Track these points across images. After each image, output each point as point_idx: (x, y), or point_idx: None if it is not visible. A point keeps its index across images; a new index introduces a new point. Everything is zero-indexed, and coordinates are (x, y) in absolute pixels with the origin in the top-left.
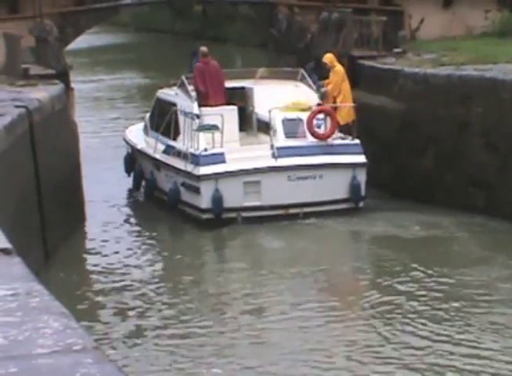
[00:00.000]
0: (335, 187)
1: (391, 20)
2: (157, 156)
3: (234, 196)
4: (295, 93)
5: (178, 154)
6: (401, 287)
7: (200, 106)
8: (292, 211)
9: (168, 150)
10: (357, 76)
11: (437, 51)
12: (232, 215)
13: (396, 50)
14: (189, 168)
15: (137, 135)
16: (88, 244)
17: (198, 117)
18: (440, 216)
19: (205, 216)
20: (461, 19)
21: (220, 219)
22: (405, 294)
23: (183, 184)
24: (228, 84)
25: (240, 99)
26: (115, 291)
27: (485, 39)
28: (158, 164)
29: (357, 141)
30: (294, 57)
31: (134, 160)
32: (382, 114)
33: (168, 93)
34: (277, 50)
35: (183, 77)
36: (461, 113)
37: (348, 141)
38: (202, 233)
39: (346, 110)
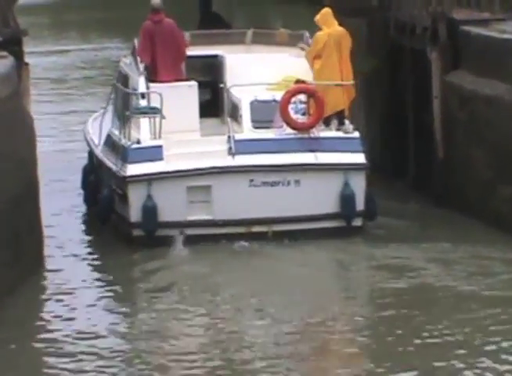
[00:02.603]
0: (318, 197)
1: None
2: (98, 149)
3: (174, 206)
4: (292, 65)
5: (113, 147)
6: None
7: (151, 81)
8: (256, 228)
9: (108, 142)
10: (459, 50)
11: None
12: (172, 232)
13: None
14: (118, 166)
15: (104, 121)
16: (43, 300)
17: (143, 96)
18: None
19: (135, 233)
20: None
21: (153, 238)
22: None
23: (115, 189)
24: (198, 51)
25: (213, 72)
26: (74, 367)
27: None
28: (99, 160)
29: (355, 133)
30: (363, 20)
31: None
32: (498, 108)
33: (126, 63)
34: (336, 9)
35: (135, 41)
36: None
37: (341, 134)
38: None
39: (334, 94)
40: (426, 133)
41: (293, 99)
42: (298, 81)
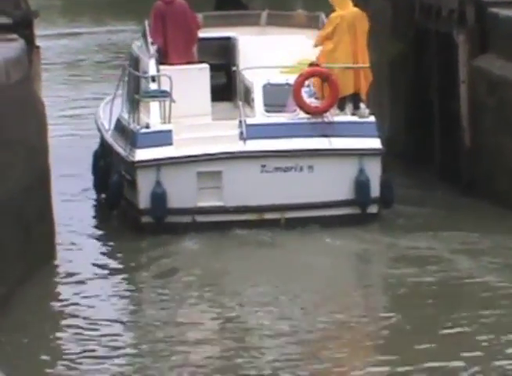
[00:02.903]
0: (332, 184)
1: None
2: (108, 134)
3: (183, 192)
4: (308, 47)
5: (123, 132)
6: None
7: (162, 63)
8: (268, 215)
9: (117, 126)
10: (487, 33)
11: None
12: (181, 219)
13: None
14: (127, 150)
15: (115, 105)
16: (54, 293)
17: (153, 79)
18: None
19: (143, 219)
20: None
21: (162, 224)
22: None
23: (124, 174)
24: (211, 32)
25: (226, 55)
26: (83, 355)
27: None
28: (109, 145)
29: (371, 118)
30: (387, 2)
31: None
32: None
33: (138, 45)
34: None
35: (146, 23)
36: None
37: (356, 118)
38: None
39: (343, 77)
40: (452, 119)
41: (306, 83)
42: (312, 64)
